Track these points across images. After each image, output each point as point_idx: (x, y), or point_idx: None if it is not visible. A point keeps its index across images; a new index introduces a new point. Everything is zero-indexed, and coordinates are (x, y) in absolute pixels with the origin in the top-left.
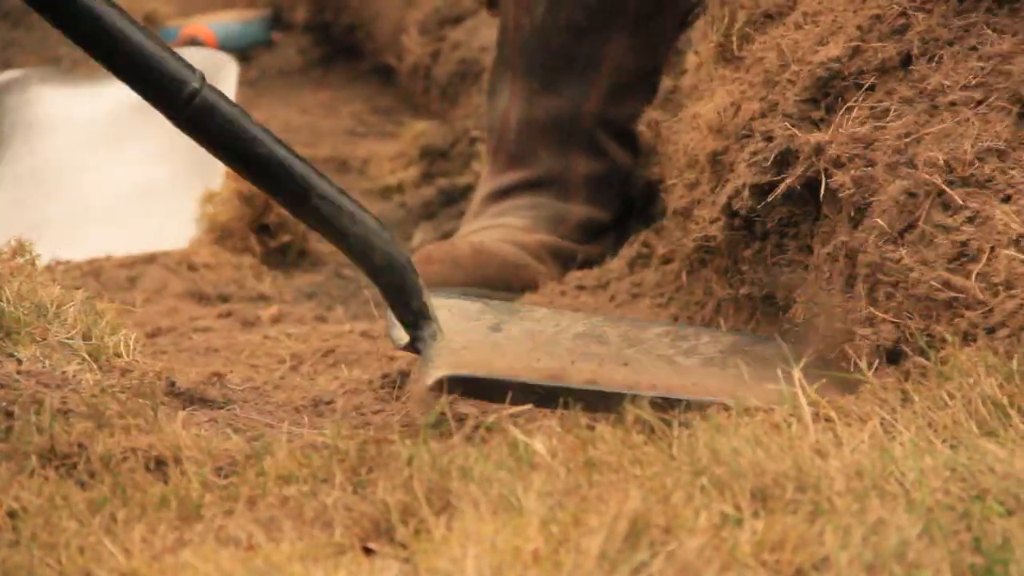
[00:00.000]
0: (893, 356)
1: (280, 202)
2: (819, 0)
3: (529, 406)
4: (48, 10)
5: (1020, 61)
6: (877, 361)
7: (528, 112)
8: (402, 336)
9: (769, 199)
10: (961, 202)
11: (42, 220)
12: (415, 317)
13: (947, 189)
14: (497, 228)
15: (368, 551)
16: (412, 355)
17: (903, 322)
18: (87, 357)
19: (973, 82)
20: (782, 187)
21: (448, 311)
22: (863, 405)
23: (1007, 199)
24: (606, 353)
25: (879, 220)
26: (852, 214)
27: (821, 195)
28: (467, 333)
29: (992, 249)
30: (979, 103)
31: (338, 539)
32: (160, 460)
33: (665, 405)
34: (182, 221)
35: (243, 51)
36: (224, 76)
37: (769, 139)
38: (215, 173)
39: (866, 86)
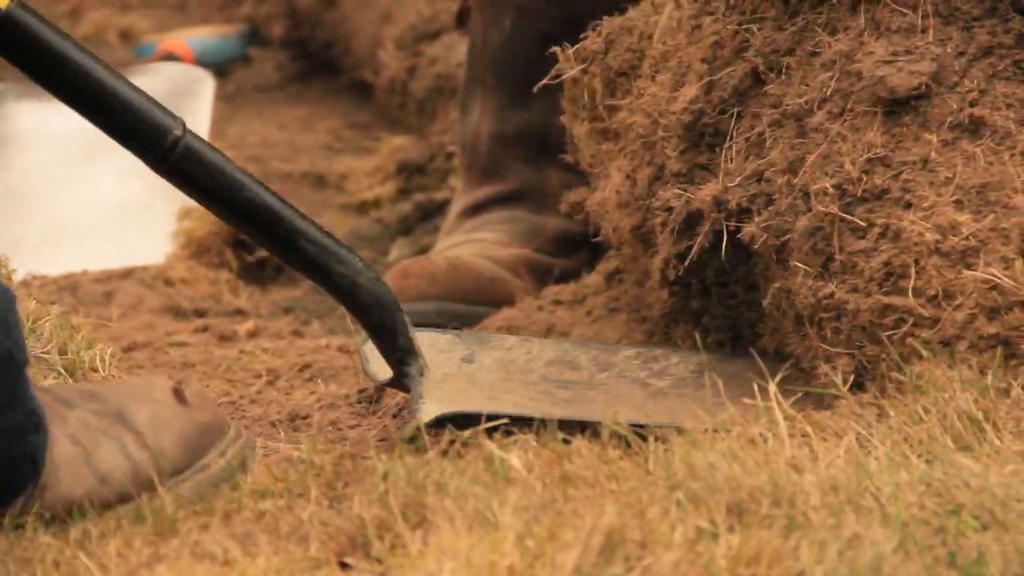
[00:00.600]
0: (858, 384)
1: (267, 247)
2: (662, 42)
3: (505, 420)
4: (24, 62)
5: (863, 58)
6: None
7: (499, 126)
8: (379, 372)
9: (686, 263)
10: (865, 223)
11: (18, 235)
12: (403, 354)
13: (846, 215)
14: (473, 243)
15: (344, 566)
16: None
17: (856, 352)
18: (63, 372)
19: (828, 93)
20: (695, 249)
21: (421, 345)
22: (839, 420)
23: (908, 206)
24: (579, 379)
25: (797, 262)
26: (776, 257)
27: (731, 248)
28: (441, 366)
29: (917, 262)
30: (841, 115)
31: (314, 554)
32: None
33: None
34: (158, 236)
35: (220, 66)
36: (201, 91)
37: (668, 209)
38: None
39: (732, 115)
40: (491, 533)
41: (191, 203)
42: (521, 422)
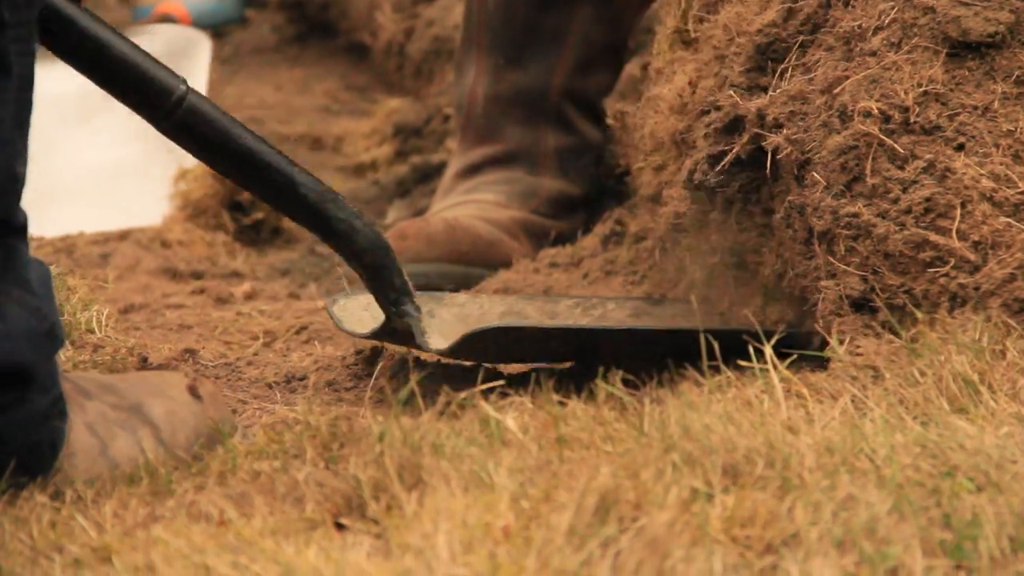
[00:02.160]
0: (858, 305)
1: (267, 196)
2: None
3: (502, 382)
4: None
5: None
6: (841, 310)
7: (495, 87)
8: (356, 326)
9: (720, 166)
10: (908, 153)
11: None
12: (398, 294)
13: (887, 140)
14: (469, 204)
15: (340, 527)
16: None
17: (870, 276)
18: None
19: (886, 22)
20: (730, 155)
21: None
22: (835, 382)
23: (961, 147)
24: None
25: (820, 177)
26: (796, 172)
27: (768, 160)
28: None
29: (964, 205)
30: (898, 45)
31: (310, 515)
32: None
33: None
34: (155, 198)
35: (216, 28)
36: (197, 53)
37: (718, 108)
38: None
39: (797, 44)
40: (486, 494)
41: (188, 165)
42: (516, 383)
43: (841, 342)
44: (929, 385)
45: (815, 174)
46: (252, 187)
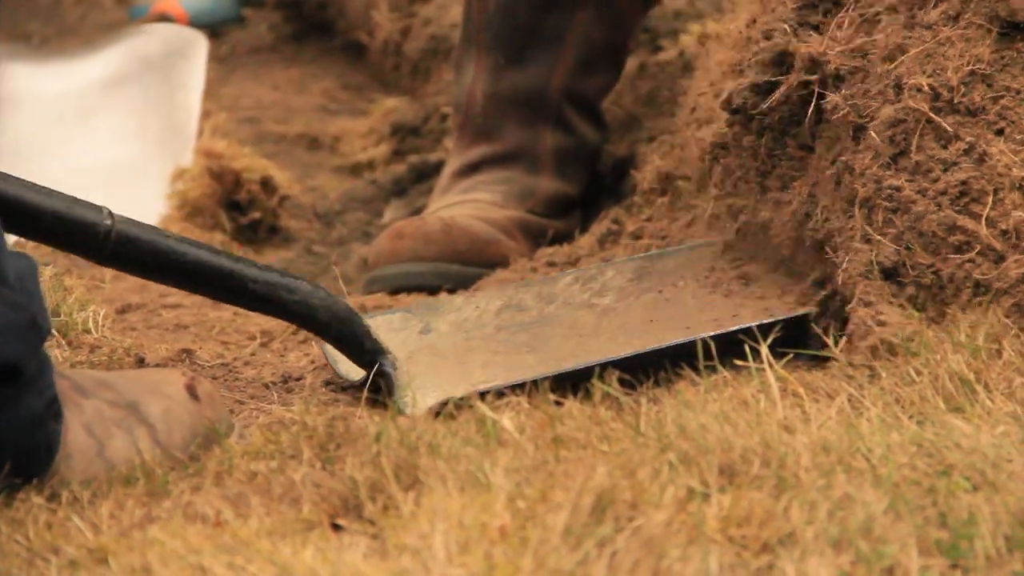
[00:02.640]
0: (889, 274)
1: (220, 297)
2: None
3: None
4: None
5: None
6: (871, 274)
7: (494, 87)
8: (352, 371)
9: (769, 101)
10: (952, 131)
11: None
12: (372, 356)
13: (935, 118)
14: (467, 203)
15: (336, 527)
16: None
17: (903, 251)
18: (56, 333)
19: None
20: (778, 92)
21: (377, 331)
22: (831, 381)
23: (1000, 132)
24: (531, 319)
25: (869, 142)
26: (852, 134)
27: (812, 102)
28: (402, 345)
29: (996, 192)
30: (956, 19)
31: (306, 515)
32: None
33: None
34: (152, 198)
35: (214, 27)
36: (194, 53)
37: (768, 38)
38: (185, 150)
39: None
40: (483, 494)
41: (185, 165)
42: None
43: (866, 304)
44: (925, 384)
45: (867, 141)
46: (204, 294)
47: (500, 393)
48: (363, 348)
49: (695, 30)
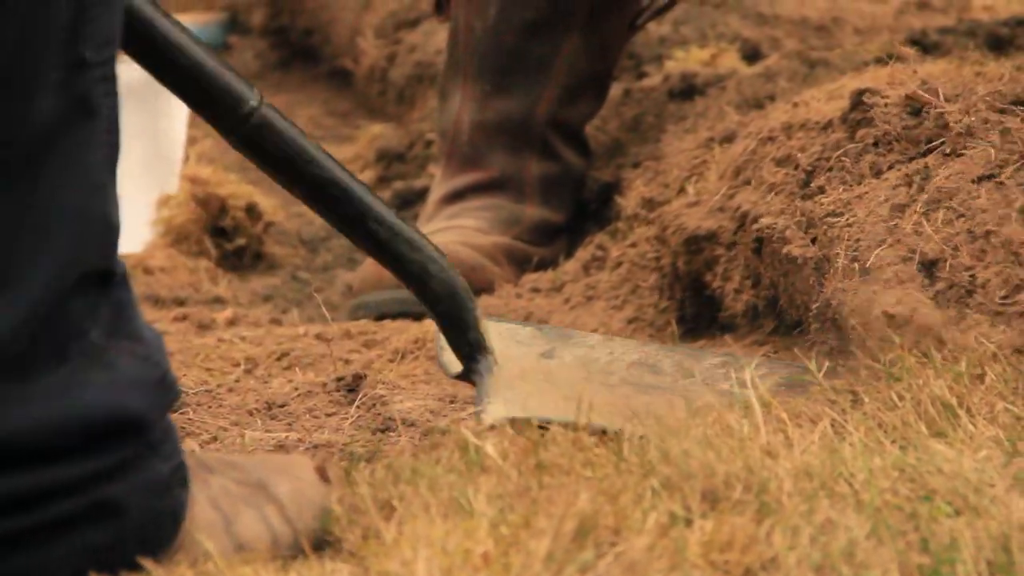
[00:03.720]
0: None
1: (335, 224)
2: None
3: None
4: None
5: None
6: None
7: (480, 114)
8: (453, 364)
9: None
10: None
11: None
12: (471, 349)
13: None
14: (452, 230)
15: (317, 550)
16: (365, 357)
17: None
18: None
19: None
20: None
21: (499, 336)
22: (814, 406)
23: None
24: (661, 383)
25: None
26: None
27: None
28: (519, 360)
29: None
30: None
31: None
32: None
33: None
34: (137, 225)
35: None
36: None
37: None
38: (171, 176)
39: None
40: (466, 521)
41: (170, 191)
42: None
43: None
44: (908, 409)
45: None
46: (320, 212)
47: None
48: (466, 337)
49: (679, 56)
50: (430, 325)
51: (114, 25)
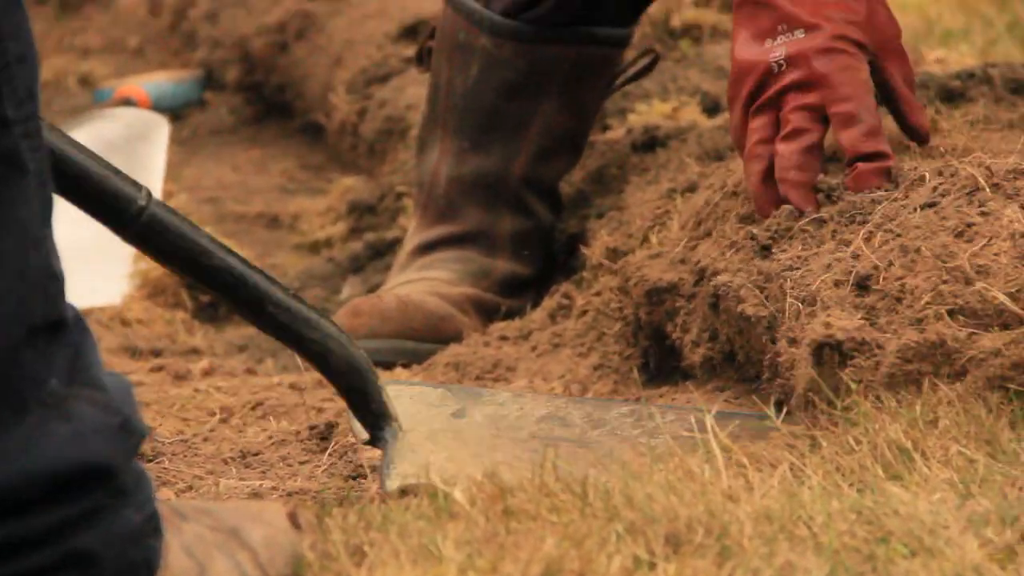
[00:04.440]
0: None
1: (236, 310)
2: None
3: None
4: None
5: None
6: None
7: (457, 170)
8: (362, 432)
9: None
10: None
11: None
12: (375, 419)
13: None
14: (422, 281)
15: None
16: (338, 405)
17: None
18: None
19: None
20: None
21: (410, 399)
22: (774, 451)
23: None
24: (570, 436)
25: None
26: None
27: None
28: (429, 422)
29: None
30: None
31: None
32: None
33: None
34: (115, 277)
35: (176, 110)
36: (157, 135)
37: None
38: None
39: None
40: (435, 566)
41: None
42: None
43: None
44: (865, 453)
45: None
46: (220, 300)
47: None
48: (369, 409)
49: (642, 109)
50: (400, 374)
51: (32, 81)
